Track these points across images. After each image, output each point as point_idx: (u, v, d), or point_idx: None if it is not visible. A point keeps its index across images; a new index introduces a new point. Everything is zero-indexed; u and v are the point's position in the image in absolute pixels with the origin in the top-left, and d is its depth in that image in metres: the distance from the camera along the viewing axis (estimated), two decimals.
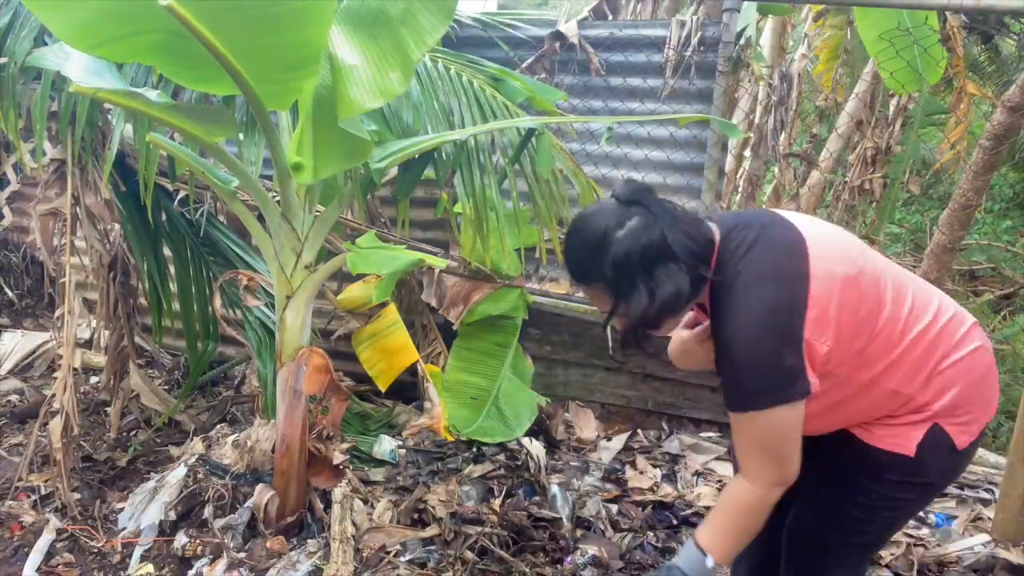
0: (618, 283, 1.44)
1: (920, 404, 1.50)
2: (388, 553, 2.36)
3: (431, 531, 2.47)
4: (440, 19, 1.85)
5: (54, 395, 2.60)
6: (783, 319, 1.39)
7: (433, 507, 2.54)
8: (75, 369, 2.63)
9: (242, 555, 2.31)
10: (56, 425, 2.56)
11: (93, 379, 3.87)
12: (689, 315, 1.68)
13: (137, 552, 2.43)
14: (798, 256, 1.41)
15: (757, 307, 1.40)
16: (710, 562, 1.51)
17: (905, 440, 1.52)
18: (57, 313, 2.71)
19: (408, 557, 2.36)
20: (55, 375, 2.65)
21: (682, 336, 1.67)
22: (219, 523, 2.42)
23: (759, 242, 1.45)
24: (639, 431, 3.59)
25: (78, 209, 2.74)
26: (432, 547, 2.41)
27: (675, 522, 2.84)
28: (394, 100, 2.51)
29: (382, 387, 2.91)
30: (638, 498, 2.98)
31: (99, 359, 3.74)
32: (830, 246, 1.45)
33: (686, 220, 1.47)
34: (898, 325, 1.46)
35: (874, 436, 1.55)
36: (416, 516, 2.61)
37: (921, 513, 2.95)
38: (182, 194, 3.22)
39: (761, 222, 1.50)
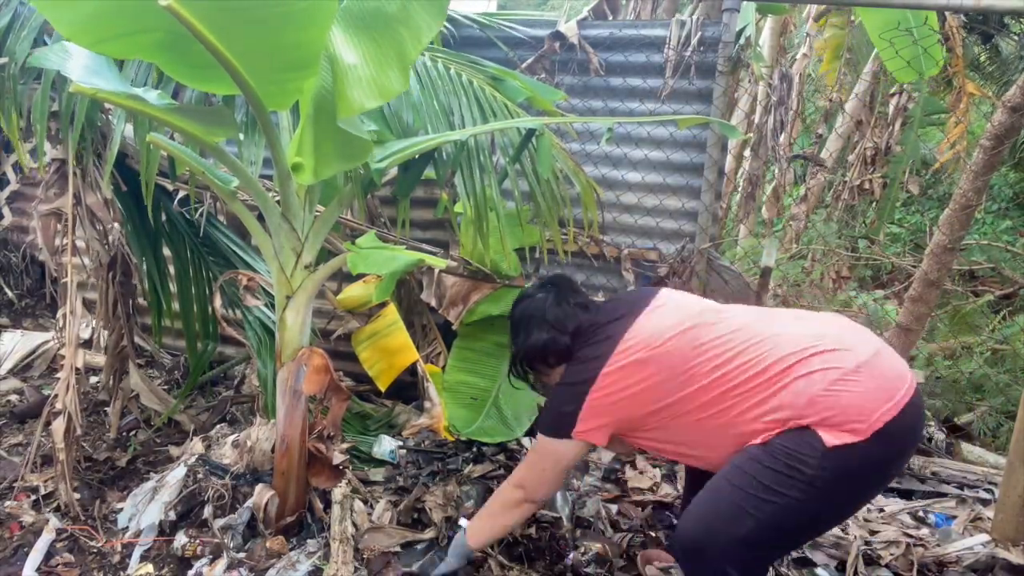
0: (513, 335, 2.20)
1: (776, 425, 1.76)
2: (388, 554, 2.36)
3: (430, 533, 2.46)
4: (435, 17, 1.86)
5: (56, 395, 2.59)
6: (575, 385, 1.97)
7: (430, 509, 2.54)
8: (77, 369, 2.63)
9: (242, 555, 2.31)
10: (59, 425, 2.55)
11: (93, 379, 3.87)
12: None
13: (137, 552, 2.43)
14: (607, 349, 1.93)
15: (571, 369, 2.04)
16: (467, 544, 2.18)
17: (763, 437, 1.78)
18: (59, 313, 2.71)
19: (408, 559, 2.36)
20: (56, 375, 2.65)
21: None
22: (219, 523, 2.42)
23: (595, 336, 2.00)
24: None
25: (79, 209, 2.74)
26: (432, 551, 2.41)
27: (675, 522, 2.84)
28: (394, 100, 2.52)
29: (382, 387, 2.92)
30: (638, 498, 2.98)
31: (99, 359, 3.74)
32: (642, 335, 1.92)
33: (570, 302, 2.11)
34: (711, 380, 1.83)
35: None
36: (415, 516, 2.61)
37: (921, 513, 2.96)
38: (182, 194, 3.22)
39: (618, 315, 2.01)
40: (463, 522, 2.34)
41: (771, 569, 2.41)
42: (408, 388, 3.39)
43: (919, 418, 1.78)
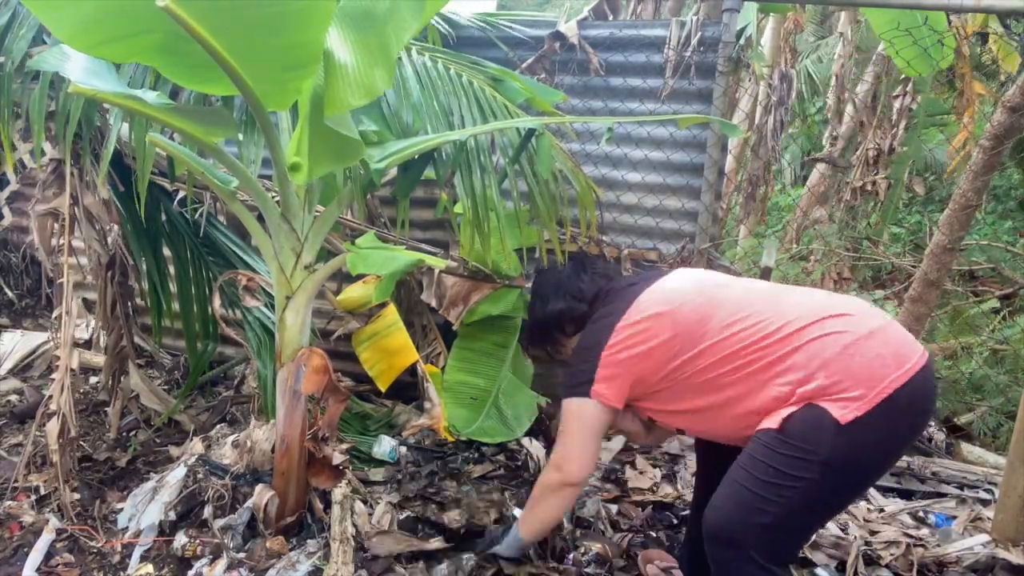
0: (531, 305, 2.27)
1: (787, 393, 1.75)
2: (391, 557, 2.35)
3: (435, 543, 2.43)
4: (417, 16, 1.86)
5: (51, 396, 2.59)
6: (591, 343, 1.97)
7: (437, 518, 2.54)
8: (72, 370, 2.63)
9: (242, 555, 2.31)
10: (53, 426, 2.55)
11: (93, 379, 3.87)
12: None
13: (137, 552, 2.43)
14: (622, 306, 1.95)
15: (585, 333, 2.06)
16: (519, 535, 2.21)
17: (776, 418, 1.75)
18: (55, 314, 2.71)
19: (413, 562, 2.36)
20: (54, 375, 2.65)
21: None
22: (219, 523, 2.42)
23: (610, 299, 2.03)
24: None
25: (76, 209, 2.74)
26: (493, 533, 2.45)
27: (675, 522, 2.84)
28: (394, 100, 2.52)
29: (382, 387, 2.92)
30: (638, 498, 2.98)
31: (99, 359, 3.74)
32: (657, 294, 1.94)
33: (589, 274, 2.18)
34: (724, 336, 1.82)
35: (760, 424, 1.80)
36: (415, 517, 2.61)
37: (921, 513, 2.96)
38: (182, 194, 3.22)
39: (636, 281, 2.04)
40: (516, 512, 2.43)
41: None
42: (408, 388, 3.39)
43: (930, 390, 1.76)
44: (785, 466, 1.71)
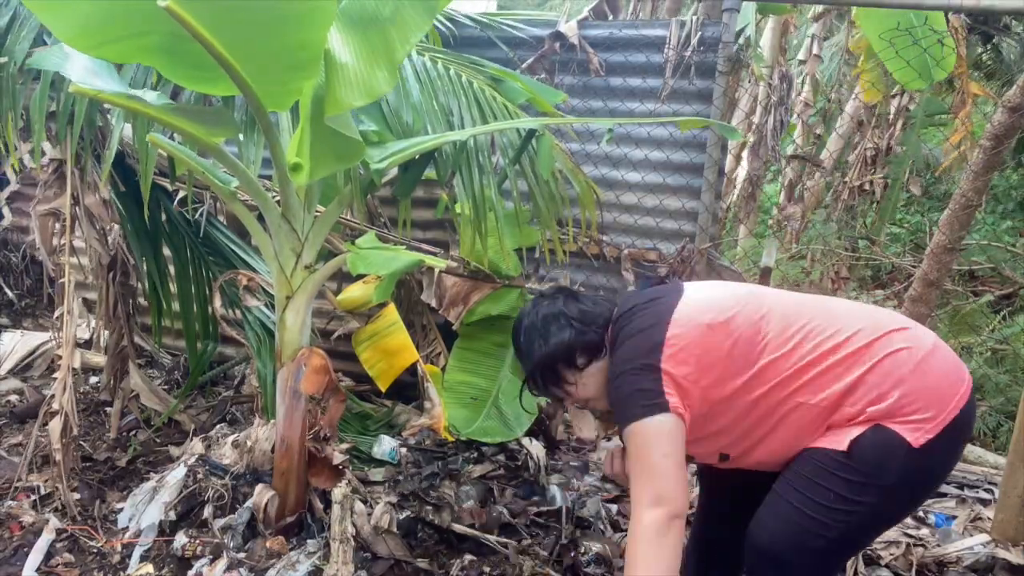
0: (527, 346, 1.85)
1: (854, 413, 1.62)
2: (392, 559, 2.36)
3: (423, 563, 2.43)
4: (424, 18, 1.86)
5: (53, 396, 2.59)
6: (641, 357, 1.67)
7: (432, 518, 2.55)
8: (74, 369, 2.63)
9: (242, 555, 2.31)
10: (55, 426, 2.55)
11: (93, 379, 3.87)
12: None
13: (137, 552, 2.43)
14: (663, 315, 1.70)
15: (624, 351, 1.72)
16: None
17: (841, 438, 1.62)
18: (56, 313, 2.71)
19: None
20: (55, 375, 2.65)
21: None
22: (219, 523, 2.42)
23: (639, 314, 1.75)
24: None
25: (77, 209, 2.74)
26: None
27: None
28: (394, 100, 2.52)
29: (382, 387, 2.92)
30: None
31: (99, 359, 3.74)
32: (699, 304, 1.72)
33: (588, 299, 1.88)
34: (786, 350, 1.65)
35: (817, 441, 1.67)
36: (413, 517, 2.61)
37: (921, 513, 2.95)
38: (182, 194, 3.22)
39: (652, 297, 1.79)
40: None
41: None
42: (408, 388, 3.39)
43: (975, 403, 1.70)
44: (848, 491, 1.61)
